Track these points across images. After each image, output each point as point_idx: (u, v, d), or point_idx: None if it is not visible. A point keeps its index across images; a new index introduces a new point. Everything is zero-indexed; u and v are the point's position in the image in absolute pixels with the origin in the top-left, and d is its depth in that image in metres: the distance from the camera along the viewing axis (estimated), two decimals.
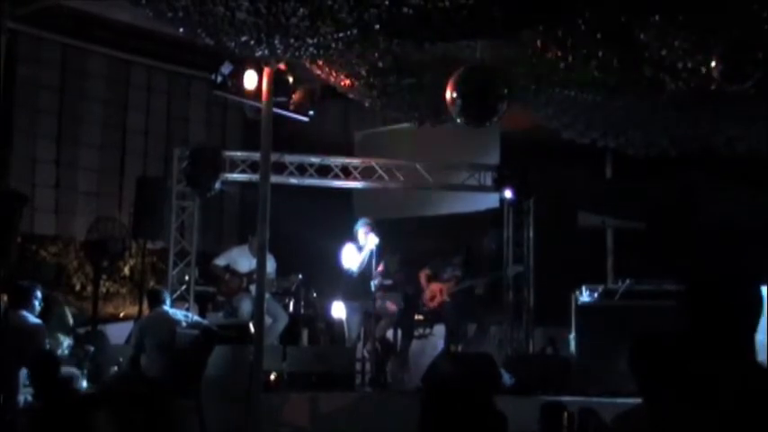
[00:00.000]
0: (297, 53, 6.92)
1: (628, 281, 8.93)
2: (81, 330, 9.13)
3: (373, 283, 8.83)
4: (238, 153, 10.04)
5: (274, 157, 8.78)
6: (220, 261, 9.57)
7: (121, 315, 11.19)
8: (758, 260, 7.89)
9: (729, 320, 2.23)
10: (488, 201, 10.73)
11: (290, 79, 7.98)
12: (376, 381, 8.89)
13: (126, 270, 11.62)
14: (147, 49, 11.30)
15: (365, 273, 8.93)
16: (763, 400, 2.10)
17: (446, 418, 2.28)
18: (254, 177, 9.18)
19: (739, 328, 2.23)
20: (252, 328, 7.84)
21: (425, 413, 2.42)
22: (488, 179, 10.31)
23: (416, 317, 9.76)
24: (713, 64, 6.38)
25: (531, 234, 10.53)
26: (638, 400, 2.32)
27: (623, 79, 7.13)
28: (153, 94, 12.09)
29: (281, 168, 9.74)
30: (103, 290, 10.97)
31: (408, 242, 10.24)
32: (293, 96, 8.19)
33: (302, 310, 9.85)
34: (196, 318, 8.48)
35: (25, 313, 7.34)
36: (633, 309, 8.35)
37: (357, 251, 9.04)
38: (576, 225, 11.24)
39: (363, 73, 7.82)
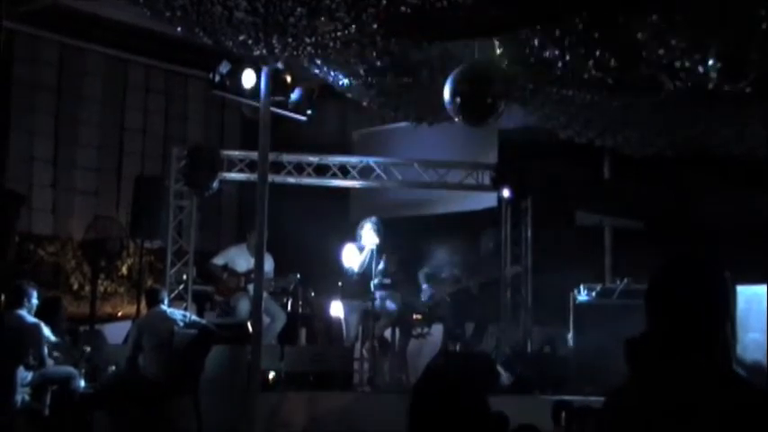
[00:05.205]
0: (295, 52, 6.92)
1: (625, 280, 8.96)
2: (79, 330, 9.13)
3: (372, 283, 8.82)
4: (236, 152, 10.04)
5: (272, 156, 8.78)
6: (218, 260, 9.55)
7: (119, 315, 11.17)
8: (754, 260, 7.89)
9: (690, 317, 2.09)
10: (486, 200, 10.72)
11: (288, 78, 7.97)
12: (374, 380, 8.88)
13: (124, 269, 11.60)
14: (145, 48, 11.30)
15: (365, 272, 8.92)
16: (722, 403, 1.98)
17: (441, 420, 2.23)
18: (252, 177, 9.18)
19: (702, 325, 2.08)
20: (250, 328, 7.85)
21: (414, 416, 2.35)
22: (486, 178, 10.31)
23: (414, 316, 9.74)
24: (710, 63, 6.39)
25: (529, 233, 10.54)
26: None
27: (621, 78, 7.12)
28: (151, 94, 12.10)
29: (278, 168, 9.74)
30: (101, 289, 10.94)
31: (406, 241, 10.22)
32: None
33: (300, 310, 9.85)
34: (194, 317, 8.47)
35: (22, 313, 7.34)
36: (631, 307, 8.31)
37: (358, 251, 9.00)
38: (573, 224, 11.26)
39: (361, 72, 7.81)
